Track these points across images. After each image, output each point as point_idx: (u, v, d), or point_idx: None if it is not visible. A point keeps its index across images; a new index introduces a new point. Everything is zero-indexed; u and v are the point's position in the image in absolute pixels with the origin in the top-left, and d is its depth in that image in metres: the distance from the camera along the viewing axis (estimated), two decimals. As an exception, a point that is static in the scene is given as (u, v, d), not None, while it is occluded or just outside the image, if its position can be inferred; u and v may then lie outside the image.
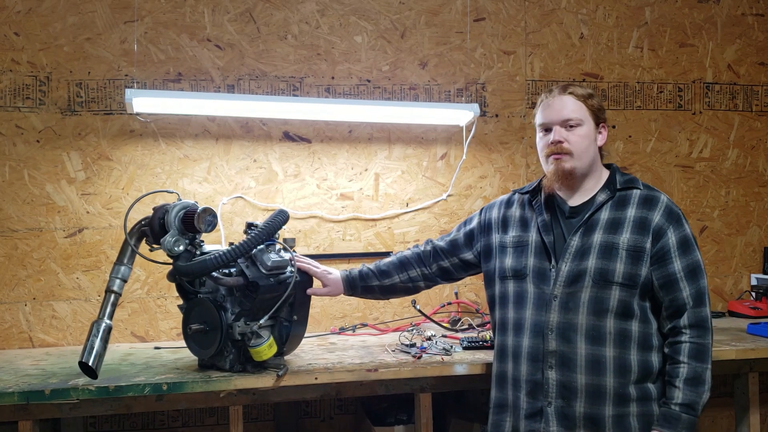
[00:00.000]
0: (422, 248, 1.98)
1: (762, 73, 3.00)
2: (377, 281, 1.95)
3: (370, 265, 1.98)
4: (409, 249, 2.00)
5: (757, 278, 2.92)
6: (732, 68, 2.97)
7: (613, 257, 1.58)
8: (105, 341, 1.66)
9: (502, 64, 2.77)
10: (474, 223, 1.90)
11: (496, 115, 2.76)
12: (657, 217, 1.61)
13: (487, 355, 1.99)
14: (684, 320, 1.57)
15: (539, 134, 1.73)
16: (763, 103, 3.00)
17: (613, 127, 2.85)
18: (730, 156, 2.97)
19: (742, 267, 2.98)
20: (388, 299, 2.32)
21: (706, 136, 2.95)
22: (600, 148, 1.72)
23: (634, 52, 2.89)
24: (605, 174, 1.72)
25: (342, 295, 1.98)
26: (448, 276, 1.97)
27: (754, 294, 2.84)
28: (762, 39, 3.00)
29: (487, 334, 2.16)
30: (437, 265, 1.95)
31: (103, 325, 1.66)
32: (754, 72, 2.99)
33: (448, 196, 2.72)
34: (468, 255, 1.90)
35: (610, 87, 2.86)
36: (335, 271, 1.96)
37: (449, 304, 2.64)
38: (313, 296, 1.94)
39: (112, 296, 1.71)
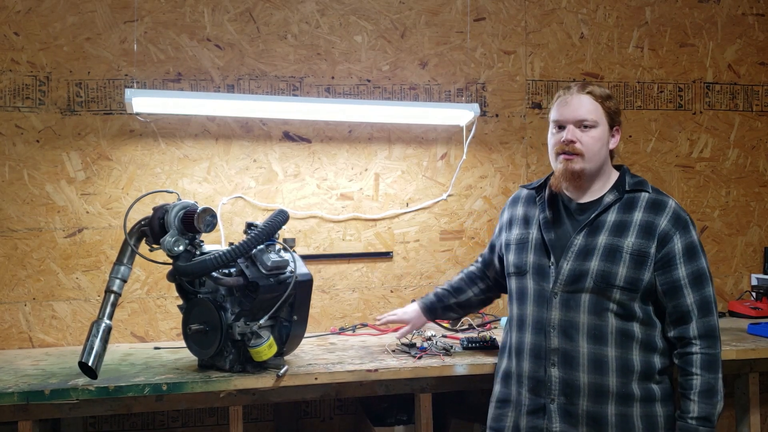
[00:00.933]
0: (477, 265, 2.03)
1: (762, 73, 3.00)
2: (454, 299, 2.02)
3: (442, 285, 2.06)
4: (471, 265, 2.06)
5: (757, 278, 2.91)
6: (732, 68, 2.97)
7: (616, 260, 1.57)
8: (105, 341, 1.66)
9: (503, 64, 2.77)
10: (495, 233, 1.95)
11: (497, 115, 2.76)
12: (663, 222, 1.59)
13: (488, 356, 1.99)
14: (693, 331, 1.56)
15: (552, 130, 1.71)
16: (763, 103, 3.00)
17: (614, 127, 2.85)
18: (730, 156, 2.97)
19: (743, 267, 2.98)
20: (465, 315, 2.25)
21: (706, 136, 2.95)
22: (611, 151, 1.70)
23: (635, 51, 2.88)
24: (614, 175, 1.71)
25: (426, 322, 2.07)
26: (501, 287, 1.97)
27: (754, 294, 2.83)
28: (762, 39, 3.00)
29: (488, 334, 2.16)
30: (491, 279, 2.00)
31: (103, 325, 1.67)
32: (755, 72, 2.99)
33: (449, 196, 2.71)
34: (495, 262, 1.93)
35: (610, 87, 2.85)
36: (409, 307, 2.05)
37: (449, 304, 2.64)
38: (312, 297, 1.95)
39: (112, 296, 1.71)
